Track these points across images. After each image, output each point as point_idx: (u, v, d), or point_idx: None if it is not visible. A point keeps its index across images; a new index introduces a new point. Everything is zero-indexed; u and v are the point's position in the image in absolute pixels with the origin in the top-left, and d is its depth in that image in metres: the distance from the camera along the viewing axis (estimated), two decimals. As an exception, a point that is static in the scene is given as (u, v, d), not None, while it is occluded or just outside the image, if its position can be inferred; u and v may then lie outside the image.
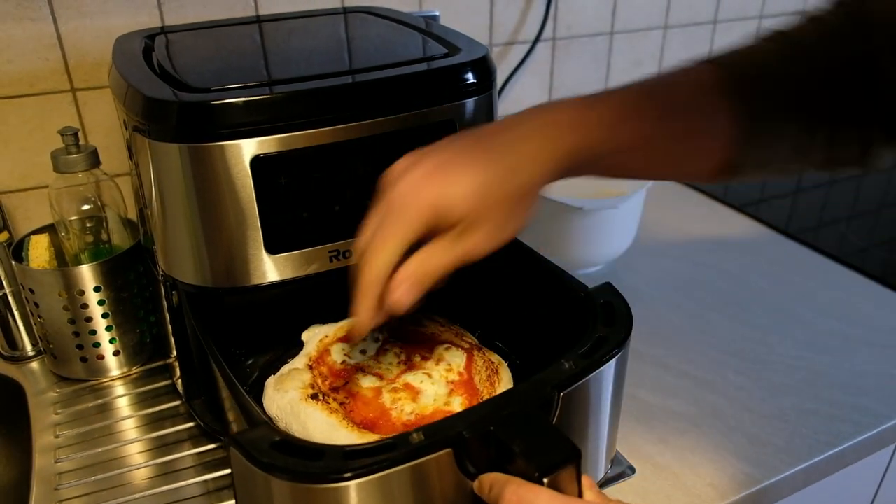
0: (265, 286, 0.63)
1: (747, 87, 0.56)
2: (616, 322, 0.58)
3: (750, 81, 0.56)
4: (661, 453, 0.75)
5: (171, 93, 0.58)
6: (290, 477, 0.45)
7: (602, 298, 0.60)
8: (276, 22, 0.83)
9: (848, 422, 0.79)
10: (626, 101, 0.55)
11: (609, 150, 0.55)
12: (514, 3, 1.16)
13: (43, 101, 0.90)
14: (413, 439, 0.46)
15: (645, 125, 0.55)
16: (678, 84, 0.57)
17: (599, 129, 0.54)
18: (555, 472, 0.44)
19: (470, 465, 0.48)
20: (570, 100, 0.55)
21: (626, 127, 0.55)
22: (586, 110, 0.54)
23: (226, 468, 0.72)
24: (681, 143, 0.57)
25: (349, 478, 0.44)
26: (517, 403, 0.50)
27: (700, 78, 0.56)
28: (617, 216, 0.97)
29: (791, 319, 0.96)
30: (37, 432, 0.78)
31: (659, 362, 0.88)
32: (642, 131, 0.55)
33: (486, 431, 0.47)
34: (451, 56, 0.67)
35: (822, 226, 1.24)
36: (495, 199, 0.51)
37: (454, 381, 0.64)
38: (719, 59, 0.57)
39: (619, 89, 0.56)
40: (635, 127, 0.55)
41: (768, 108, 0.56)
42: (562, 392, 0.51)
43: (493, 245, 0.53)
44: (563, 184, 1.10)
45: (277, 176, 0.60)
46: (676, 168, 0.60)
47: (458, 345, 0.69)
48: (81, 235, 0.84)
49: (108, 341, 0.83)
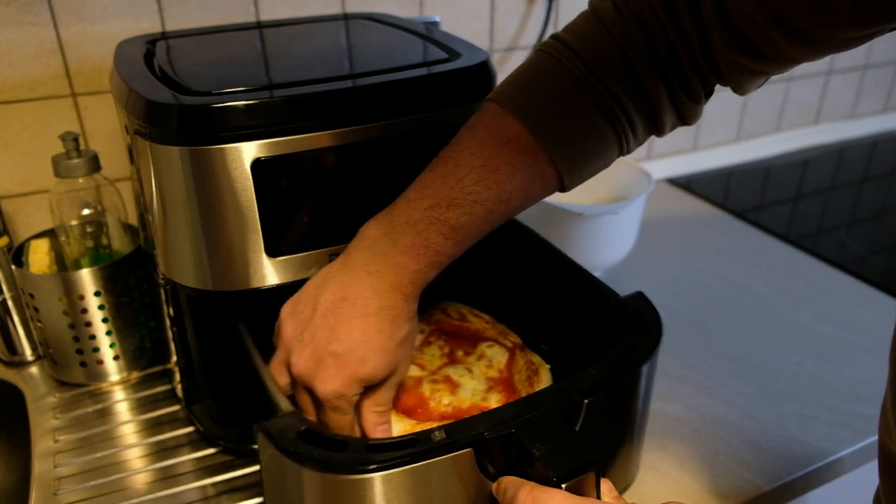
0: (265, 290, 0.63)
1: (554, 132, 0.58)
2: (646, 332, 0.58)
3: (548, 120, 0.57)
4: (660, 459, 0.74)
5: (172, 96, 0.59)
6: (314, 465, 0.47)
7: (633, 307, 0.61)
8: (278, 28, 0.83)
9: (847, 428, 0.79)
10: (446, 223, 0.56)
11: (455, 254, 0.58)
12: (515, 8, 1.16)
13: (44, 105, 0.90)
14: (435, 437, 0.48)
15: (475, 225, 0.57)
16: (487, 153, 0.57)
17: (432, 267, 0.58)
18: (573, 478, 0.44)
19: (490, 466, 0.49)
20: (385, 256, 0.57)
21: (459, 242, 0.58)
22: (413, 257, 0.56)
23: (225, 473, 0.72)
24: (514, 204, 0.59)
25: (372, 470, 0.46)
26: (540, 407, 0.50)
27: (505, 135, 0.57)
28: (617, 222, 0.97)
29: (791, 326, 0.96)
30: (36, 437, 0.78)
31: (659, 368, 0.87)
32: (477, 232, 0.58)
33: (507, 433, 0.48)
34: (451, 61, 0.68)
35: (822, 232, 1.24)
36: (401, 356, 0.58)
37: (494, 378, 0.65)
38: (512, 106, 0.58)
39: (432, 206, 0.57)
40: (467, 237, 0.58)
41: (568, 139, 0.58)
42: (586, 399, 0.52)
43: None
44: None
45: (278, 179, 0.60)
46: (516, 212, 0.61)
47: (502, 343, 0.70)
48: (81, 240, 0.84)
49: (107, 346, 0.83)
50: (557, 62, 0.58)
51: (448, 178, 0.56)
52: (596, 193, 1.11)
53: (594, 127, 0.58)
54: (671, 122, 0.60)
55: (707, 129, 1.48)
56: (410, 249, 0.56)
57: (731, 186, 1.40)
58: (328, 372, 0.55)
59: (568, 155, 0.58)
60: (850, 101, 1.67)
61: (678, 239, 1.19)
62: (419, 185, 0.58)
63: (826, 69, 1.57)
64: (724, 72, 0.55)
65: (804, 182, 1.47)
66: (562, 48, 0.58)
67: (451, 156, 0.57)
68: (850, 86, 1.65)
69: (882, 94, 1.72)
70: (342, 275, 0.57)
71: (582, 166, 0.60)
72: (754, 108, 1.52)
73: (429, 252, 0.56)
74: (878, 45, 1.62)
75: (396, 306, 0.56)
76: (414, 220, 0.56)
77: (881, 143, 1.63)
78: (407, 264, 0.56)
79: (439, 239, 0.56)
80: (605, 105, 0.57)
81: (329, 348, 0.55)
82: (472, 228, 0.57)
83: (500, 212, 0.58)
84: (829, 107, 1.64)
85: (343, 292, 0.56)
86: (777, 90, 1.53)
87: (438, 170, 0.57)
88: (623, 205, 0.95)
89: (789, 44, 0.50)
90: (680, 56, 0.55)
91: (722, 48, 0.53)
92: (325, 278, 0.58)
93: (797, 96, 1.57)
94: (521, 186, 0.57)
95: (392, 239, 0.56)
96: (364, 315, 0.55)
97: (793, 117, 1.60)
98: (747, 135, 1.56)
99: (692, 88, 0.58)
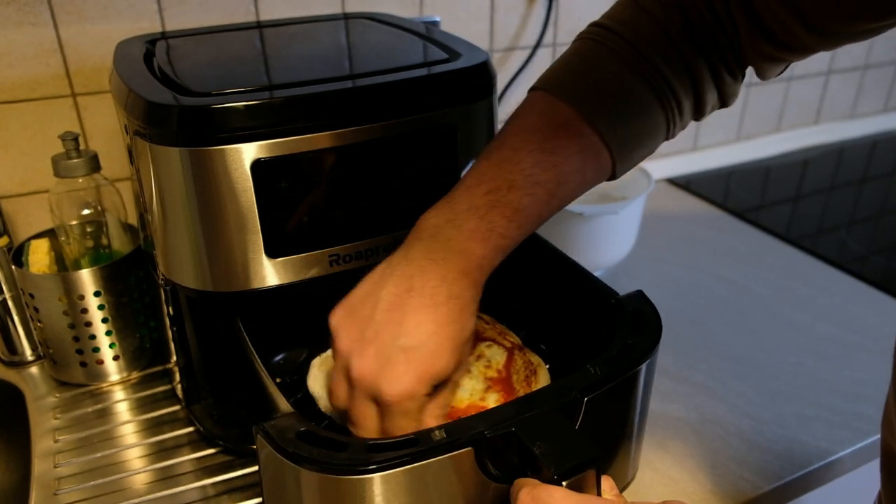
0: (265, 290, 0.63)
1: (607, 114, 0.58)
2: (645, 331, 0.58)
3: (600, 103, 0.58)
4: (660, 459, 0.74)
5: (172, 97, 0.59)
6: (314, 466, 0.46)
7: (632, 306, 0.61)
8: (277, 28, 0.83)
9: (847, 428, 0.79)
10: (512, 205, 0.55)
11: (519, 238, 0.57)
12: (515, 8, 1.16)
13: (43, 105, 0.90)
14: (435, 436, 0.47)
15: (537, 208, 0.56)
16: (542, 135, 0.57)
17: (497, 252, 0.56)
18: (574, 476, 0.44)
19: (490, 466, 0.48)
20: (452, 249, 0.54)
21: (523, 224, 0.56)
22: (478, 247, 0.55)
23: (225, 473, 0.72)
24: (571, 188, 0.58)
25: (372, 470, 0.45)
26: (540, 406, 0.50)
27: (557, 119, 0.57)
28: (617, 221, 0.97)
29: (791, 326, 0.96)
30: (36, 437, 0.78)
31: (658, 368, 0.87)
32: (539, 215, 0.57)
33: (507, 432, 0.48)
34: (451, 61, 0.68)
35: (822, 232, 1.24)
36: (468, 350, 0.56)
37: (492, 378, 0.65)
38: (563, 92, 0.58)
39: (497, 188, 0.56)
40: (530, 218, 0.56)
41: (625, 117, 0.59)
42: (586, 397, 0.52)
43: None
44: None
45: (278, 180, 0.60)
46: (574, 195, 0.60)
47: (501, 343, 0.70)
48: (81, 240, 0.84)
49: (107, 346, 0.83)
50: (603, 46, 0.58)
51: (505, 162, 0.55)
52: (596, 193, 1.11)
53: (644, 107, 0.58)
54: (712, 103, 0.61)
55: (707, 129, 1.48)
56: (476, 234, 0.53)
57: (731, 186, 1.40)
58: (397, 370, 0.50)
59: (622, 139, 0.58)
60: (850, 101, 1.67)
61: (678, 239, 1.19)
62: (476, 172, 0.56)
63: (826, 69, 1.57)
64: (749, 57, 0.57)
65: (804, 182, 1.47)
66: (605, 33, 0.59)
67: (505, 142, 0.57)
68: (850, 86, 1.64)
69: (882, 94, 1.72)
70: (404, 266, 0.53)
71: (632, 150, 0.60)
72: (754, 108, 1.52)
73: (493, 235, 0.54)
74: (878, 45, 1.62)
75: (466, 295, 0.53)
76: (476, 206, 0.54)
77: (881, 143, 1.63)
78: (473, 249, 0.53)
79: (503, 222, 0.54)
80: (656, 86, 0.58)
81: (397, 343, 0.51)
82: (535, 210, 0.56)
83: (559, 195, 0.57)
84: (829, 107, 1.64)
85: (408, 283, 0.52)
86: (777, 90, 1.53)
87: (494, 156, 0.56)
88: (623, 205, 0.95)
89: (809, 35, 0.52)
90: (717, 38, 0.57)
91: (747, 36, 0.55)
92: (384, 273, 0.54)
93: (797, 96, 1.57)
94: (577, 169, 0.57)
95: (455, 226, 0.54)
96: (434, 305, 0.52)
97: (793, 117, 1.60)
98: (747, 135, 1.56)
99: (731, 67, 0.59)
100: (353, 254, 0.65)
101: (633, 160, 0.61)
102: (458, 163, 0.66)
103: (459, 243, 0.53)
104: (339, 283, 0.64)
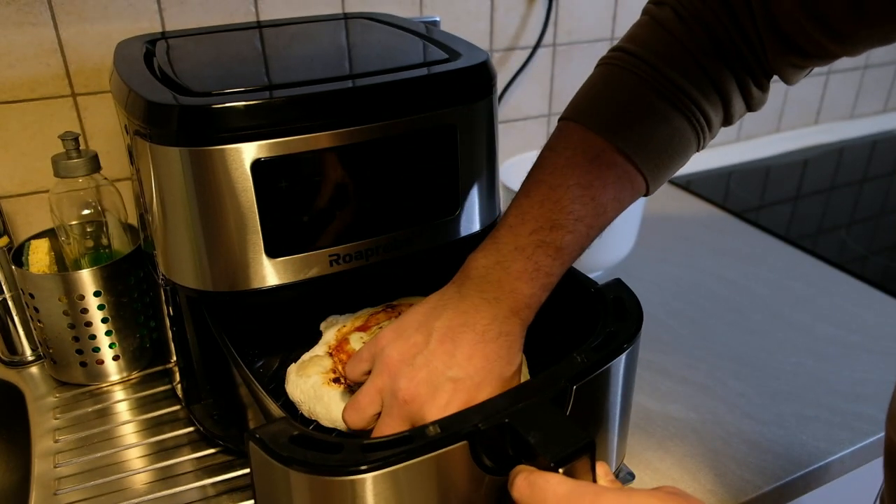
0: (266, 290, 0.63)
1: (638, 143, 0.59)
2: (626, 317, 0.59)
3: (630, 131, 0.59)
4: (660, 459, 0.74)
5: (172, 97, 0.59)
6: (310, 470, 0.46)
7: (612, 294, 0.62)
8: (277, 28, 0.83)
9: (848, 429, 0.79)
10: (553, 246, 0.57)
11: (562, 273, 0.59)
12: (515, 8, 1.16)
13: (43, 106, 0.90)
14: (429, 432, 0.48)
15: (575, 245, 0.59)
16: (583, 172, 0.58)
17: (544, 290, 0.58)
18: (570, 462, 0.44)
19: (486, 458, 0.49)
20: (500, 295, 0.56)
21: (566, 261, 0.59)
22: (522, 293, 0.57)
23: (225, 473, 0.72)
24: (609, 216, 0.61)
25: (367, 470, 0.45)
26: (531, 396, 0.51)
27: (591, 152, 0.59)
28: (617, 222, 0.96)
29: (791, 326, 0.96)
30: (36, 437, 0.78)
31: (659, 368, 0.88)
32: (580, 248, 0.59)
33: (501, 423, 0.48)
34: (451, 61, 0.68)
35: (822, 232, 1.24)
36: (514, 385, 0.57)
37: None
38: (594, 123, 0.59)
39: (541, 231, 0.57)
40: (572, 254, 0.59)
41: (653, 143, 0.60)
42: (575, 385, 0.52)
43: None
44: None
45: (278, 180, 0.60)
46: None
47: None
48: (81, 240, 0.84)
49: (107, 346, 0.83)
50: (627, 71, 0.60)
51: (546, 201, 0.57)
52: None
53: (674, 128, 0.60)
54: (740, 112, 0.63)
55: (707, 129, 1.48)
56: (523, 274, 0.56)
57: (731, 186, 1.40)
58: (443, 398, 0.53)
59: (654, 161, 0.60)
60: (850, 101, 1.67)
61: (678, 239, 1.19)
62: (517, 211, 0.58)
63: (826, 69, 1.57)
64: (774, 66, 0.58)
65: (804, 182, 1.47)
66: (628, 58, 0.60)
67: (544, 179, 0.58)
68: (850, 86, 1.65)
69: (882, 94, 1.72)
70: (458, 301, 0.56)
71: (665, 169, 0.62)
72: (754, 108, 1.52)
73: (539, 275, 0.56)
74: (878, 45, 1.62)
75: (514, 332, 0.56)
76: (521, 246, 0.57)
77: (881, 143, 1.63)
78: (522, 289, 0.56)
79: (548, 261, 0.57)
80: (681, 104, 0.59)
81: (448, 374, 0.53)
82: (576, 245, 0.58)
83: (598, 225, 0.60)
84: (829, 107, 1.64)
85: (462, 318, 0.55)
86: (777, 90, 1.53)
87: (534, 195, 0.58)
88: (623, 205, 0.95)
89: (835, 43, 0.54)
90: (743, 51, 0.58)
91: (771, 46, 0.56)
92: (438, 304, 0.57)
93: (797, 96, 1.57)
94: (614, 198, 0.59)
95: (503, 267, 0.56)
96: (484, 341, 0.54)
97: (793, 117, 1.60)
98: (747, 135, 1.56)
99: (757, 77, 0.60)
100: (353, 254, 0.65)
101: (665, 177, 0.63)
102: (457, 163, 0.66)
103: (509, 283, 0.56)
104: (336, 283, 0.64)
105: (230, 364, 0.61)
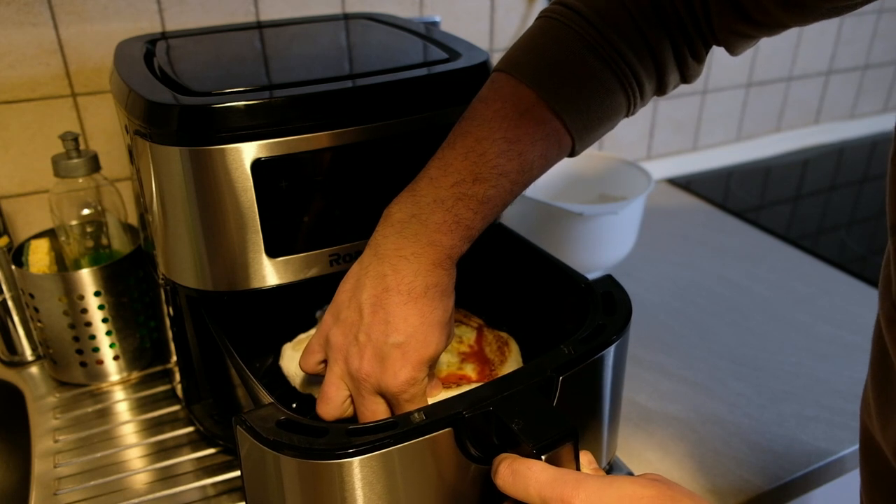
0: (266, 290, 0.63)
1: (569, 100, 0.58)
2: (616, 311, 0.59)
3: (563, 89, 0.58)
4: (660, 459, 0.74)
5: (172, 97, 0.59)
6: (295, 453, 0.46)
7: (602, 289, 0.62)
8: (277, 28, 0.83)
9: (847, 429, 0.79)
10: (476, 197, 0.56)
11: (483, 227, 0.58)
12: (515, 8, 1.16)
13: (43, 106, 0.90)
14: (414, 419, 0.48)
15: (500, 194, 0.57)
16: (504, 120, 0.57)
17: (464, 241, 0.57)
18: (553, 450, 0.45)
19: (471, 447, 0.49)
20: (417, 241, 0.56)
21: (488, 215, 0.57)
22: (444, 239, 0.56)
23: (225, 473, 0.72)
24: (535, 173, 0.59)
25: (353, 454, 0.45)
26: (517, 385, 0.51)
27: (521, 106, 0.58)
28: (617, 222, 0.97)
29: (791, 326, 0.96)
30: (36, 437, 0.78)
31: (658, 368, 0.88)
32: (503, 204, 0.58)
33: (486, 411, 0.48)
34: (451, 61, 0.68)
35: (822, 232, 1.24)
36: (453, 325, 0.58)
37: (465, 353, 0.67)
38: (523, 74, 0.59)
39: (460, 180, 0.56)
40: (494, 209, 0.58)
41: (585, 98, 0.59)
42: (561, 376, 0.53)
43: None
44: (563, 189, 1.11)
45: (278, 180, 0.60)
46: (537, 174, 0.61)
47: (468, 324, 0.70)
48: (81, 240, 0.84)
49: (107, 346, 0.83)
50: (566, 27, 0.59)
51: (470, 153, 0.56)
52: (596, 193, 1.11)
53: (606, 90, 0.59)
54: (674, 82, 0.62)
55: (707, 129, 1.48)
56: (442, 227, 0.55)
57: (731, 186, 1.40)
58: (395, 364, 0.54)
59: (583, 122, 0.59)
60: (850, 101, 1.67)
61: (678, 239, 1.19)
62: (440, 162, 0.57)
63: (826, 69, 1.58)
64: (719, 36, 0.58)
65: (804, 182, 1.47)
66: (568, 12, 0.59)
67: (470, 131, 0.57)
68: (850, 86, 1.65)
69: (882, 94, 1.72)
70: (377, 266, 0.56)
71: (593, 131, 0.61)
72: (754, 108, 1.52)
73: (459, 227, 0.56)
74: (878, 45, 1.62)
75: (441, 282, 0.56)
76: (441, 198, 0.55)
77: (881, 143, 1.63)
78: (441, 241, 0.55)
79: (469, 214, 0.56)
80: (616, 67, 0.58)
81: (390, 341, 0.54)
82: (499, 200, 0.57)
83: (522, 182, 0.58)
84: (829, 107, 1.64)
85: (383, 283, 0.55)
86: (777, 90, 1.53)
87: (459, 145, 0.57)
88: (623, 205, 0.95)
89: (778, 9, 0.53)
90: (684, 20, 0.57)
91: (719, 15, 0.56)
92: (359, 275, 0.56)
93: (797, 96, 1.57)
94: (541, 155, 0.58)
95: (421, 220, 0.55)
96: (413, 299, 0.54)
97: (793, 117, 1.60)
98: (747, 135, 1.56)
99: (695, 48, 0.60)
100: (353, 253, 0.65)
101: (592, 140, 0.62)
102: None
103: (427, 236, 0.55)
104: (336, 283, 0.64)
105: (229, 364, 0.61)
